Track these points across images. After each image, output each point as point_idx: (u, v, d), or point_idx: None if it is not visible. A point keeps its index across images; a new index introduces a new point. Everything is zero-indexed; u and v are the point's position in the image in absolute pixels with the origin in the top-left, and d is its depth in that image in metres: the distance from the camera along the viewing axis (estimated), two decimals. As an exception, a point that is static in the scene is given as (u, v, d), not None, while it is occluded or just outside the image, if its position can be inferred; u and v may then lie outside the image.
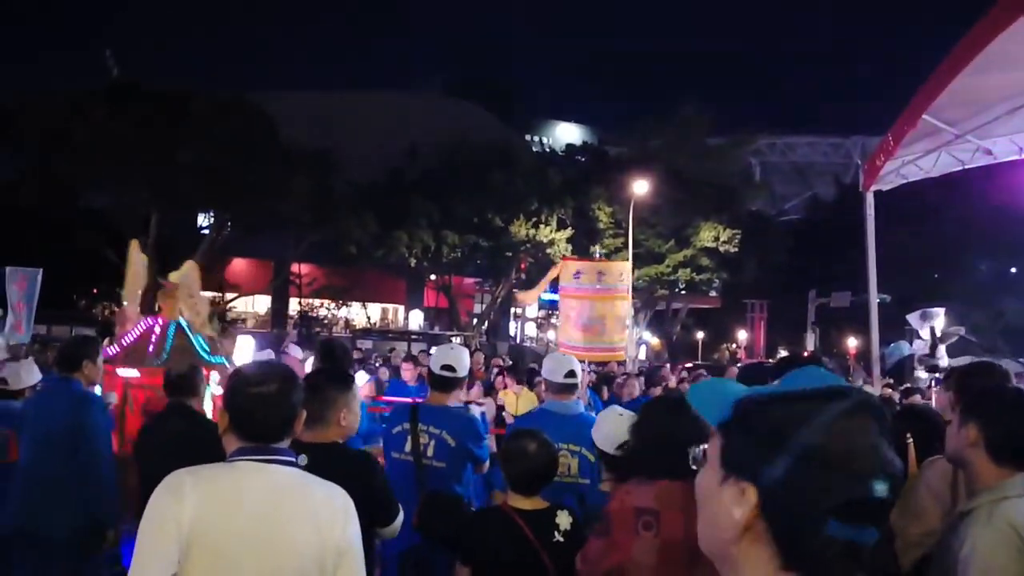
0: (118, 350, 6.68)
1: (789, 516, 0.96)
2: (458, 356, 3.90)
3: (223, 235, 23.29)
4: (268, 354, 8.33)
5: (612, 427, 3.11)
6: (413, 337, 20.88)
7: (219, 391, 6.60)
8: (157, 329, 6.68)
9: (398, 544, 3.34)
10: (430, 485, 3.54)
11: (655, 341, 35.34)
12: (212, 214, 24.33)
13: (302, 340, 12.14)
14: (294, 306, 32.75)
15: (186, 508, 1.85)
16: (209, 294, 30.20)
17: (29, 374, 5.00)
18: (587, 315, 7.52)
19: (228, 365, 6.72)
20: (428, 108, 31.92)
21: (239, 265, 30.82)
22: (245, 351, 7.46)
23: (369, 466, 2.93)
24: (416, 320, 33.64)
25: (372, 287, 31.47)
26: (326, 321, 32.31)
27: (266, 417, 2.01)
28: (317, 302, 32.32)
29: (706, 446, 1.08)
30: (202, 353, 6.67)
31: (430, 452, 3.64)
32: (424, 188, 25.71)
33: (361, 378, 9.29)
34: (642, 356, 27.72)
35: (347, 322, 33.48)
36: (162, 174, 19.39)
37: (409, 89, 37.97)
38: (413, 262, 26.62)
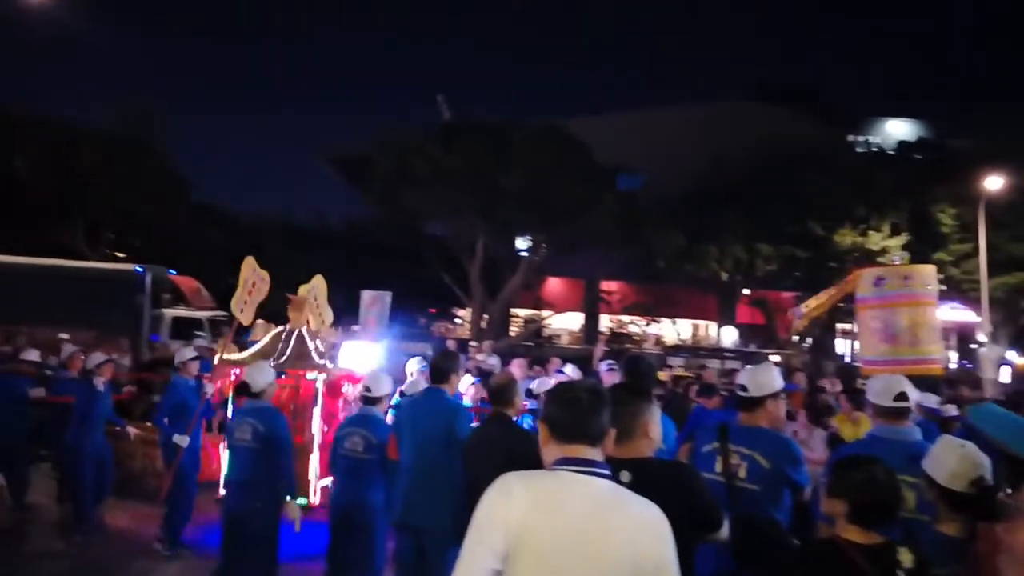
0: (249, 353, 7.60)
1: None
2: (752, 375, 3.73)
3: (539, 255, 24.66)
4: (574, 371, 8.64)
5: (956, 462, 2.79)
6: (726, 355, 20.21)
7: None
8: (283, 336, 7.52)
9: (709, 567, 3.22)
10: (742, 508, 3.38)
11: (1021, 361, 30.39)
12: (530, 236, 25.91)
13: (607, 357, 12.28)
14: (605, 323, 33.56)
15: (514, 509, 2.00)
16: (526, 311, 32.31)
17: (386, 384, 5.63)
18: (894, 324, 6.62)
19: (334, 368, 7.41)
20: (735, 117, 30.89)
21: (554, 284, 32.41)
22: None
23: (689, 475, 2.94)
24: (729, 337, 32.60)
25: (682, 303, 31.16)
26: (636, 338, 32.64)
27: (582, 426, 2.12)
28: (627, 318, 32.80)
29: None
30: (316, 358, 7.34)
31: (742, 474, 3.50)
32: (734, 199, 24.91)
33: (467, 379, 9.00)
34: (1005, 378, 23.98)
35: (657, 339, 33.51)
36: (488, 202, 21.21)
37: (717, 100, 37.06)
38: (725, 276, 25.90)
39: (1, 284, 14.90)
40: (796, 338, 28.44)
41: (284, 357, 7.39)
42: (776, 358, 19.81)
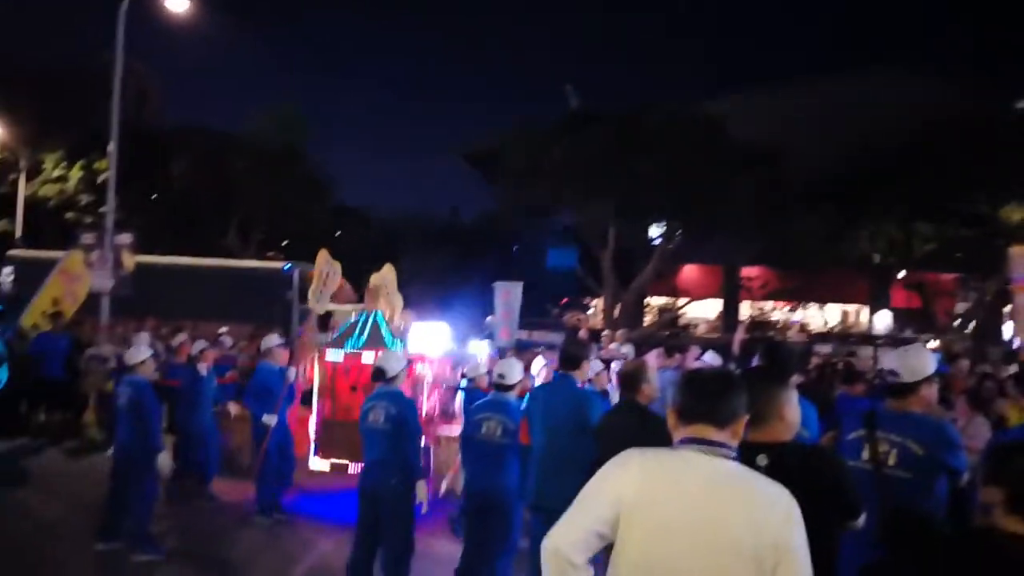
0: (333, 338, 8.66)
1: None
2: (903, 359, 3.52)
3: (674, 242, 24.15)
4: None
5: None
6: (879, 341, 19.05)
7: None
8: (360, 320, 8.42)
9: (857, 558, 3.05)
10: (892, 497, 3.23)
11: None
12: (664, 223, 25.43)
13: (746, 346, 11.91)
14: (745, 310, 32.44)
15: (628, 480, 2.09)
16: (660, 300, 31.73)
17: (518, 370, 5.73)
18: None
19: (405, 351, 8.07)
20: (887, 88, 28.94)
21: (689, 271, 31.63)
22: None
23: (829, 460, 2.88)
24: (883, 322, 30.73)
25: (830, 287, 29.59)
26: (779, 325, 31.34)
27: (706, 406, 2.15)
28: (769, 305, 31.55)
29: None
30: (389, 342, 8.08)
31: (892, 461, 3.33)
32: (887, 176, 23.33)
33: (538, 363, 9.58)
34: None
35: (802, 326, 32.04)
36: (620, 189, 20.97)
37: (863, 70, 34.92)
38: (877, 258, 24.39)
39: (167, 283, 16.11)
40: (957, 323, 26.45)
41: (362, 340, 8.26)
42: (935, 344, 18.47)
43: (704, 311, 33.80)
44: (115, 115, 14.29)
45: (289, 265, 17.90)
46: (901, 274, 26.99)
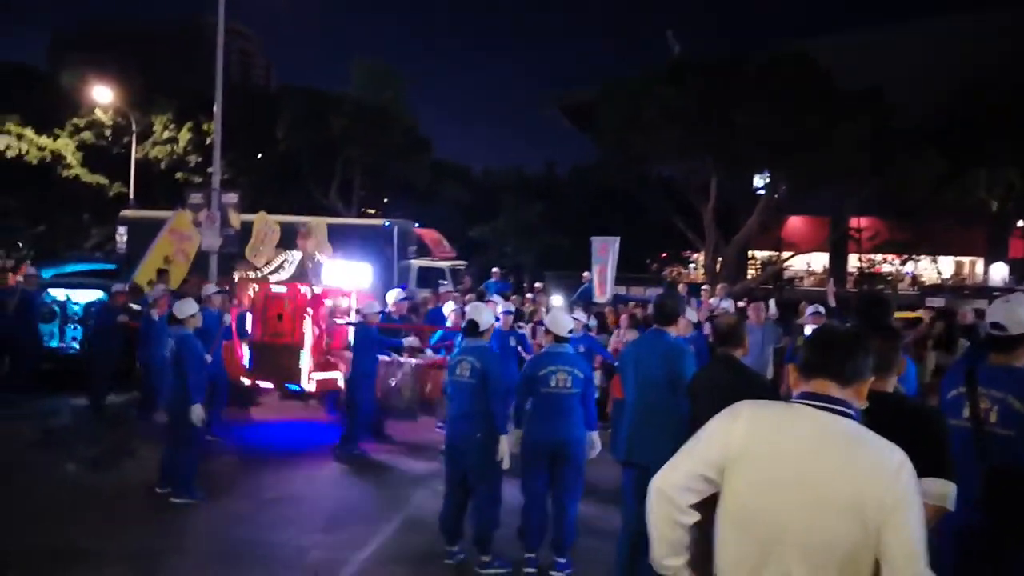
0: (264, 274, 9.92)
1: None
2: (1010, 310, 3.35)
3: (778, 193, 23.40)
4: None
5: None
6: (995, 294, 18.02)
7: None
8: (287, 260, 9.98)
9: (957, 520, 3.03)
10: (994, 456, 3.16)
11: None
12: (768, 174, 24.62)
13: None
14: (853, 263, 31.20)
15: (737, 429, 2.10)
16: (764, 253, 30.89)
17: (488, 315, 5.91)
18: None
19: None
20: (1003, 27, 26.87)
21: (795, 223, 30.58)
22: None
23: (929, 414, 2.84)
24: (999, 273, 29.03)
25: (944, 238, 28.02)
26: (889, 277, 30.03)
27: (828, 361, 2.12)
28: (879, 257, 30.22)
29: None
30: (310, 276, 9.61)
31: (993, 418, 3.24)
32: (1005, 118, 21.78)
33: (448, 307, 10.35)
34: None
35: (914, 278, 30.63)
36: (720, 139, 20.39)
37: (975, 10, 32.46)
38: (995, 206, 22.97)
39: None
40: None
41: (288, 274, 9.74)
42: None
43: (808, 263, 32.72)
44: (219, 76, 14.80)
45: (389, 222, 18.37)
46: (1020, 223, 25.34)
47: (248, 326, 9.55)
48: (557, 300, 10.81)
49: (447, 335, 9.70)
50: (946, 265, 32.11)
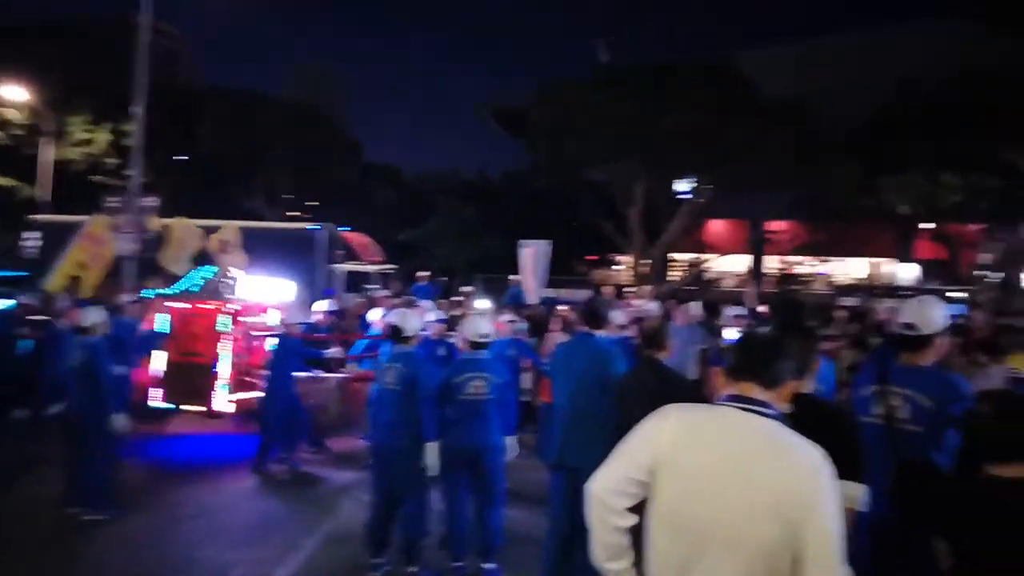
0: (176, 289, 9.44)
1: None
2: (920, 312, 3.50)
3: (702, 197, 23.96)
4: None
5: None
6: (903, 293, 18.88)
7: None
8: (199, 274, 9.43)
9: (870, 511, 3.17)
10: (903, 451, 3.29)
11: None
12: (693, 178, 25.18)
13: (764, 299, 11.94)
14: (772, 264, 32.21)
15: (665, 432, 2.14)
16: (688, 255, 31.58)
17: (414, 321, 5.89)
18: None
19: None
20: (920, 39, 28.19)
21: (717, 226, 31.38)
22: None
23: (845, 422, 2.99)
24: (908, 274, 30.41)
25: (856, 241, 29.25)
26: (805, 279, 31.13)
27: (753, 364, 2.19)
28: (796, 259, 31.32)
29: None
30: (225, 292, 9.15)
31: (903, 415, 3.37)
32: (916, 127, 22.86)
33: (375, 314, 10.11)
34: None
35: (829, 279, 31.79)
36: (649, 144, 20.76)
37: (900, 22, 33.97)
38: (904, 210, 24.04)
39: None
40: (983, 273, 26.09)
41: (200, 291, 9.26)
42: (959, 295, 18.30)
43: (732, 266, 33.62)
44: (141, 76, 14.29)
45: (316, 226, 18.05)
46: (927, 226, 26.63)
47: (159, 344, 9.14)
48: (482, 304, 10.73)
49: (372, 344, 9.49)
50: (859, 266, 33.45)
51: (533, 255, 12.96)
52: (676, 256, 31.03)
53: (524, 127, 23.86)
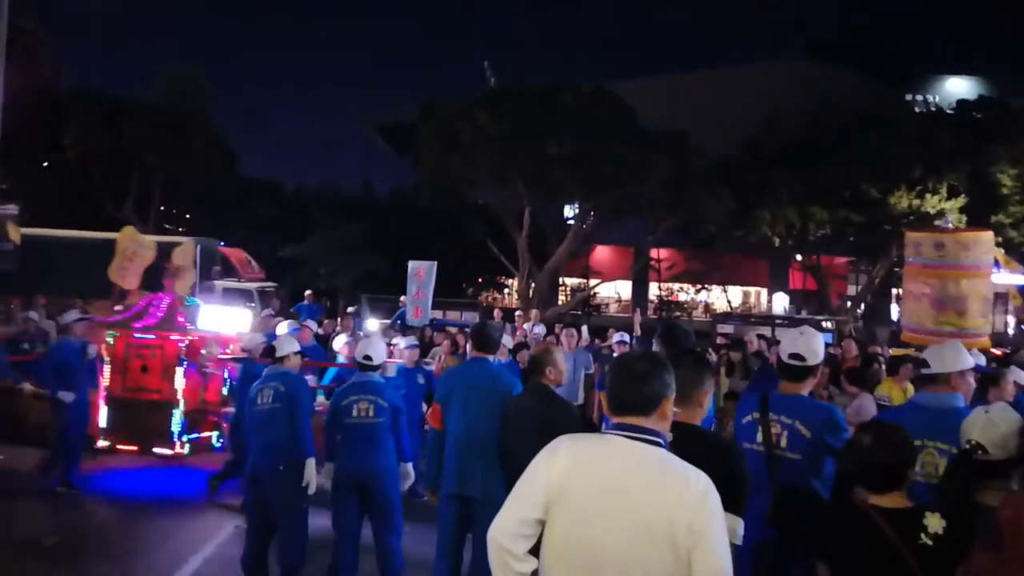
0: (125, 317, 8.58)
1: None
2: (807, 343, 3.59)
3: (587, 223, 24.48)
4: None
5: (980, 428, 2.82)
6: (777, 322, 19.87)
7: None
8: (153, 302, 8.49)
9: (752, 535, 3.20)
10: (783, 478, 3.37)
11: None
12: (577, 204, 25.71)
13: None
14: (654, 291, 33.30)
15: (556, 466, 2.14)
16: (574, 280, 32.21)
17: (383, 350, 5.73)
18: (945, 293, 6.38)
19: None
20: (789, 77, 30.02)
21: (602, 252, 32.18)
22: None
23: (731, 452, 2.96)
24: (781, 303, 32.11)
25: (733, 270, 30.75)
26: (685, 305, 32.34)
27: (630, 397, 2.18)
28: (677, 286, 32.50)
29: None
30: (181, 321, 8.38)
31: (783, 443, 3.46)
32: (787, 162, 24.26)
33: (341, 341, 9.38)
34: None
35: (707, 306, 33.17)
36: (535, 168, 21.06)
37: (769, 60, 36.12)
38: (776, 241, 25.39)
39: (56, 257, 15.28)
40: (849, 304, 27.85)
41: (155, 320, 8.36)
42: (828, 324, 19.41)
43: (616, 291, 34.54)
44: (-1, 75, 13.33)
45: (191, 239, 17.21)
46: (798, 257, 28.24)
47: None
48: (373, 325, 10.47)
49: (340, 373, 8.65)
50: (735, 294, 35.07)
51: (421, 275, 12.81)
52: (564, 280, 31.57)
53: (411, 144, 23.75)
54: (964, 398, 3.53)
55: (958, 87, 49.19)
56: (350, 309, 13.65)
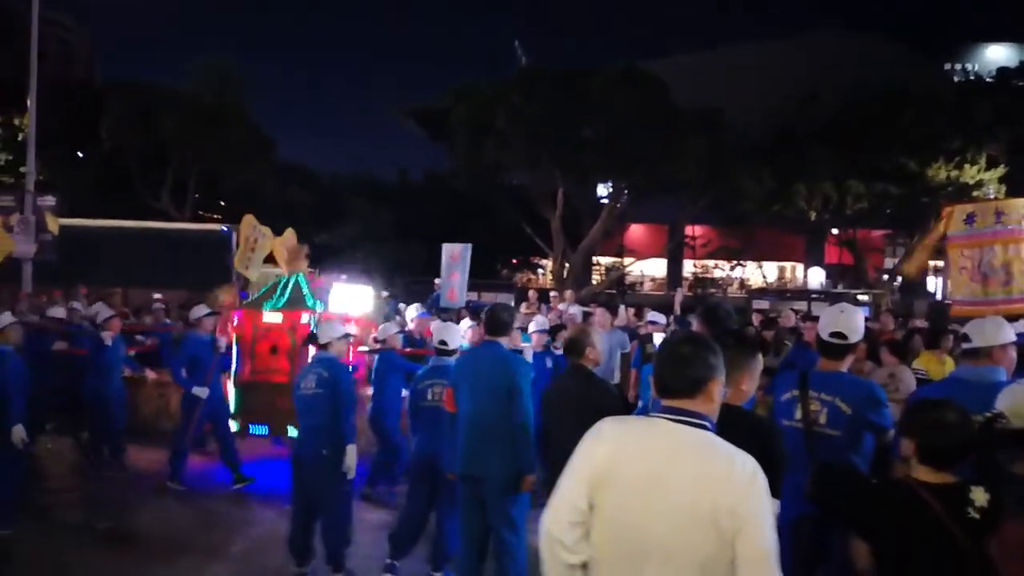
0: (252, 299, 8.25)
1: None
2: (848, 320, 3.58)
3: (621, 202, 24.36)
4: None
5: (1016, 398, 2.77)
6: (813, 296, 19.65)
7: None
8: (281, 282, 8.09)
9: (791, 511, 3.23)
10: (822, 454, 3.39)
11: None
12: (610, 184, 25.57)
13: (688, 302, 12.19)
14: (689, 268, 33.07)
15: (600, 450, 2.15)
16: (608, 259, 32.07)
17: (458, 336, 5.78)
18: (987, 263, 6.27)
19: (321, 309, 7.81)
20: (825, 50, 29.48)
21: (636, 231, 32.02)
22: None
23: (770, 432, 2.97)
24: (817, 278, 31.71)
25: (768, 245, 30.41)
26: (721, 282, 32.06)
27: (675, 380, 2.18)
28: (711, 263, 32.22)
29: None
30: (310, 303, 7.87)
31: (822, 420, 3.48)
32: (823, 136, 23.84)
33: (464, 324, 9.33)
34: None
35: (742, 283, 32.86)
36: (567, 150, 20.97)
37: (807, 33, 35.37)
38: (813, 216, 25.03)
39: (95, 247, 15.46)
40: (886, 277, 27.41)
41: (282, 301, 7.98)
42: (865, 298, 19.16)
43: (651, 270, 34.37)
44: (33, 68, 13.62)
45: (227, 228, 17.47)
46: (834, 231, 27.83)
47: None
48: (412, 311, 10.54)
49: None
50: (770, 270, 34.68)
51: (456, 258, 12.87)
52: (598, 260, 31.48)
53: (444, 129, 23.78)
54: (1006, 372, 3.50)
55: (998, 54, 47.81)
56: (385, 293, 13.77)
